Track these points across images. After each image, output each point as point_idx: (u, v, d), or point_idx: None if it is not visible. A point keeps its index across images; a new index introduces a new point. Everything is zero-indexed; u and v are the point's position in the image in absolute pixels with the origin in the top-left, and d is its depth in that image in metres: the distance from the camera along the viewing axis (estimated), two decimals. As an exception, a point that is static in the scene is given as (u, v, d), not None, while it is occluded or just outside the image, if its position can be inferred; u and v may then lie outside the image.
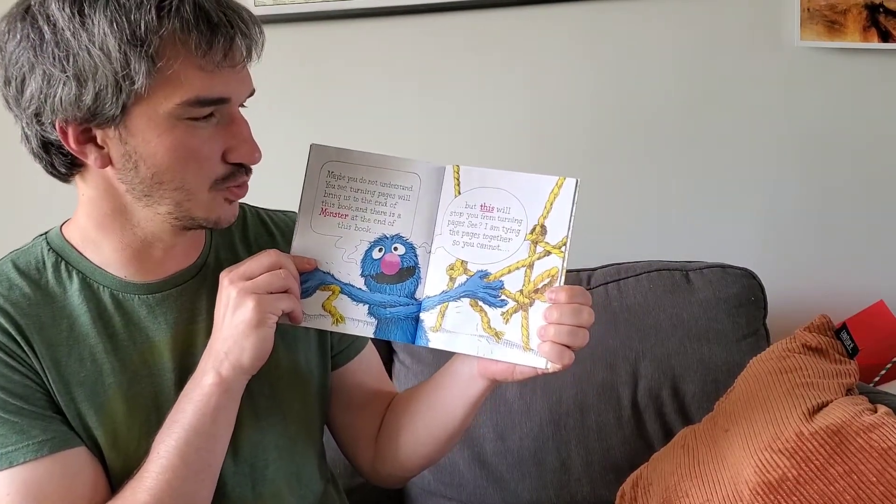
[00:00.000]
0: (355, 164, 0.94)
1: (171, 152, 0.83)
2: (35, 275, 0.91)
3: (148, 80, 0.79)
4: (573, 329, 0.88)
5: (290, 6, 1.65)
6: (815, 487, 1.04)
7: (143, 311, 0.92)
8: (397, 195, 0.94)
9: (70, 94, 0.80)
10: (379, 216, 0.94)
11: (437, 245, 0.94)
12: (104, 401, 0.90)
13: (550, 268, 0.90)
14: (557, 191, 0.91)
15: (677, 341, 1.44)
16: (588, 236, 1.74)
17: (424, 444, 1.04)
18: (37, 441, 0.86)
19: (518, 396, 1.44)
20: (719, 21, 1.68)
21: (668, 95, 1.71)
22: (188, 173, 0.85)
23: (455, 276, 0.93)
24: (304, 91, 1.70)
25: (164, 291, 0.93)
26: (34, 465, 0.85)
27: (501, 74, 1.70)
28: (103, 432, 0.89)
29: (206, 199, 0.88)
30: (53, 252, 0.92)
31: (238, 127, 0.87)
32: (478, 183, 0.93)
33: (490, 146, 1.72)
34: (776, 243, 1.76)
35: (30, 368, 0.87)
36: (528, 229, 0.91)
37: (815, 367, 1.21)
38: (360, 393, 1.09)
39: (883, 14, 1.63)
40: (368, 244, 0.93)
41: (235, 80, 0.85)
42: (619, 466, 1.39)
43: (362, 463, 1.10)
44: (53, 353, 0.88)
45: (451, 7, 1.66)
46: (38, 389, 0.88)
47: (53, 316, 0.90)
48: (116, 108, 0.80)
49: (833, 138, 1.72)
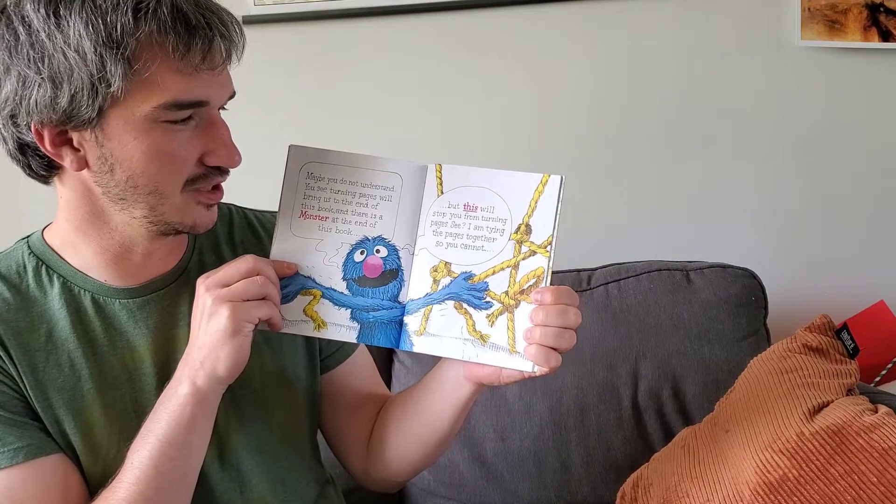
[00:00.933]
0: (335, 164, 0.92)
1: (147, 156, 0.82)
2: (15, 279, 0.90)
3: (124, 83, 0.78)
4: (559, 331, 0.85)
5: (290, 6, 1.65)
6: (816, 488, 1.04)
7: (124, 316, 0.91)
8: (379, 196, 0.92)
9: (45, 97, 0.78)
10: (360, 218, 0.91)
11: (421, 246, 0.91)
12: (82, 406, 0.89)
13: (536, 268, 0.88)
14: (542, 188, 0.88)
15: (677, 341, 1.44)
16: (588, 236, 1.75)
17: (413, 449, 1.03)
18: (12, 448, 0.85)
19: (518, 397, 1.44)
20: (719, 21, 1.68)
21: (668, 95, 1.71)
22: (163, 176, 0.84)
23: (439, 278, 0.90)
24: (303, 91, 1.70)
25: (144, 296, 0.92)
26: (9, 472, 0.85)
27: (501, 74, 1.70)
28: (80, 438, 0.89)
29: (180, 203, 0.86)
30: (34, 256, 0.92)
31: (217, 130, 0.86)
32: (461, 182, 0.91)
33: (490, 146, 1.72)
34: (776, 243, 1.76)
35: (5, 374, 0.87)
36: (513, 229, 0.89)
37: (816, 368, 1.21)
38: (351, 396, 1.08)
39: (883, 14, 1.63)
40: (350, 247, 0.91)
41: (215, 83, 0.84)
42: (620, 466, 1.39)
43: (355, 467, 1.09)
44: (31, 358, 0.87)
45: (451, 7, 1.66)
46: (15, 395, 0.87)
47: (32, 321, 0.89)
48: (92, 111, 0.79)
49: (833, 138, 1.72)
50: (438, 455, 1.05)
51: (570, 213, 1.71)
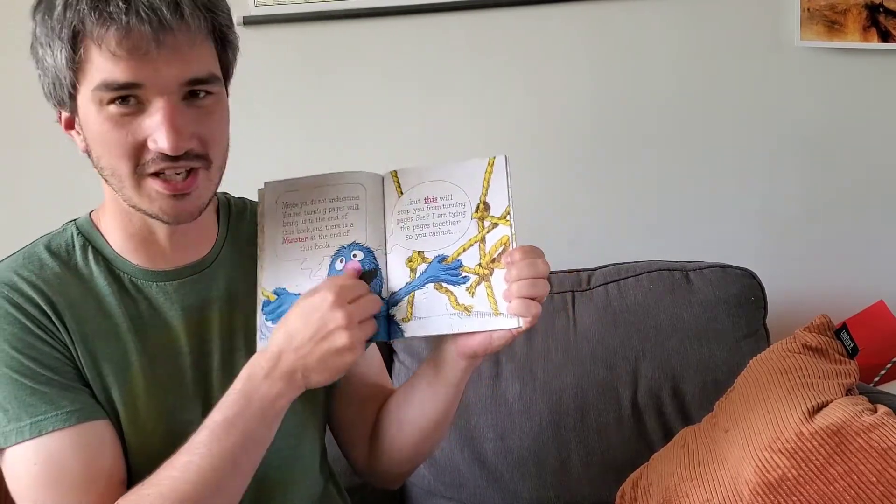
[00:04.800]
0: (304, 188, 1.00)
1: (97, 136, 0.88)
2: (65, 256, 0.96)
3: (71, 71, 0.86)
4: (532, 281, 0.91)
5: (290, 6, 1.65)
6: (815, 487, 1.04)
7: (161, 298, 0.97)
8: (346, 206, 0.99)
9: (45, 84, 0.90)
10: (334, 230, 0.98)
11: (392, 244, 0.98)
12: (128, 377, 0.94)
13: (501, 237, 0.95)
14: (490, 169, 0.98)
15: (677, 341, 1.44)
16: (588, 236, 1.75)
17: (411, 440, 1.06)
18: (65, 411, 0.89)
19: (518, 396, 1.44)
20: (719, 21, 1.68)
21: (668, 95, 1.71)
22: (110, 159, 0.89)
23: (415, 266, 0.97)
24: (303, 91, 1.70)
25: (179, 280, 0.98)
26: (61, 434, 0.89)
27: (502, 74, 1.70)
28: (125, 409, 0.93)
29: (139, 188, 0.90)
30: (82, 236, 0.98)
31: (159, 114, 0.86)
32: (416, 180, 1.00)
33: (490, 146, 1.71)
34: (776, 243, 1.76)
35: (60, 342, 0.91)
36: (473, 209, 0.97)
37: (815, 368, 1.21)
38: (362, 387, 1.11)
39: (883, 14, 1.63)
40: (330, 258, 0.97)
41: (149, 66, 0.85)
42: (619, 466, 1.39)
43: (358, 460, 1.12)
44: (83, 328, 0.93)
45: (452, 7, 1.66)
46: (68, 362, 0.92)
47: (82, 294, 0.94)
48: (65, 97, 0.88)
49: (833, 138, 1.72)
50: (435, 443, 1.09)
51: (571, 213, 1.73)
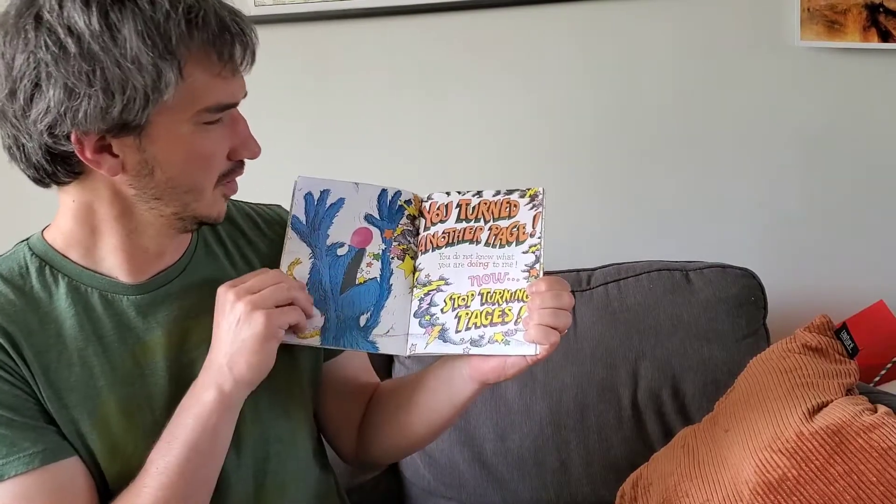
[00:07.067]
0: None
1: (188, 156, 0.86)
2: (19, 281, 0.90)
3: (175, 91, 0.80)
4: (555, 311, 0.90)
5: (290, 6, 1.65)
6: (815, 487, 1.04)
7: (132, 312, 0.92)
8: None
9: (96, 108, 0.79)
10: None
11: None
12: (97, 404, 0.89)
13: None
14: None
15: (677, 341, 1.44)
16: (588, 236, 1.75)
17: (407, 442, 1.08)
18: (28, 453, 0.85)
19: (518, 396, 1.44)
20: (719, 21, 1.68)
21: (668, 95, 1.71)
22: (200, 174, 0.88)
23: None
24: (303, 91, 1.70)
25: (152, 291, 0.93)
26: (24, 478, 0.84)
27: (502, 74, 1.70)
28: (98, 437, 0.89)
29: (211, 197, 0.91)
30: (37, 257, 0.92)
31: (242, 126, 0.91)
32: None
33: (490, 146, 1.72)
34: (776, 243, 1.76)
35: (19, 378, 0.86)
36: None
37: (815, 367, 1.21)
38: (349, 383, 1.11)
39: (883, 14, 1.63)
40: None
41: (241, 84, 0.89)
42: (619, 466, 1.39)
43: (344, 449, 1.13)
44: (42, 359, 0.87)
45: (452, 7, 1.66)
46: (29, 399, 0.87)
47: (40, 321, 0.89)
48: (141, 118, 0.81)
49: (833, 138, 1.72)
50: (431, 442, 1.10)
51: (571, 214, 1.73)
